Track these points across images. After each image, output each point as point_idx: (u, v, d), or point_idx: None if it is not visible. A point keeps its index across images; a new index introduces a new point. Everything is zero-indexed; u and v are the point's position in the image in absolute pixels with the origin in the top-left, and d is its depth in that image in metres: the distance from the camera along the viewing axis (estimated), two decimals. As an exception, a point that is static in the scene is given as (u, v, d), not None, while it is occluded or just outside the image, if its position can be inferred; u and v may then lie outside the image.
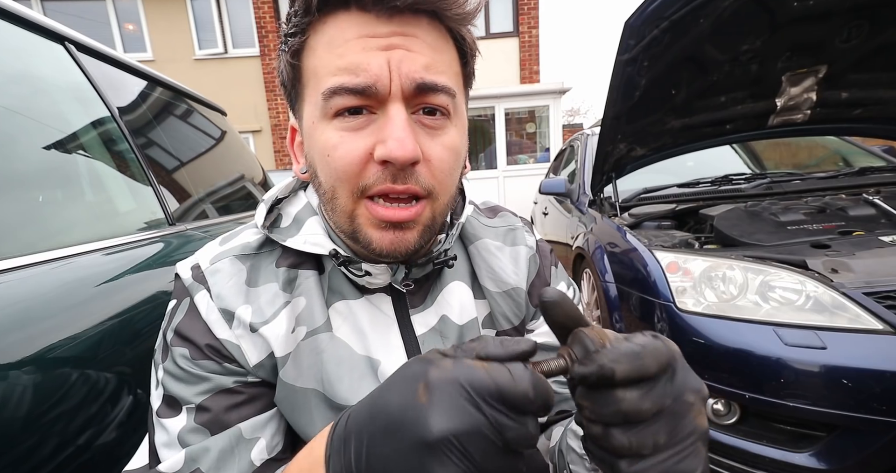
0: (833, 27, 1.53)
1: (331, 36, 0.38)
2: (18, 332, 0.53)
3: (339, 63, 0.37)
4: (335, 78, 0.37)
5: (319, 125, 0.39)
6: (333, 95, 0.37)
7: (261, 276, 0.46)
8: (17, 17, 0.80)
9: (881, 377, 0.99)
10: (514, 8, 7.14)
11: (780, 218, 1.55)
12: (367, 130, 0.38)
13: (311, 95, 0.40)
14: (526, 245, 0.56)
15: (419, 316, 0.50)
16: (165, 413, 0.42)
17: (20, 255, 0.60)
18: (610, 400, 0.27)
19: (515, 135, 6.31)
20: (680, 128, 1.87)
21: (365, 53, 0.37)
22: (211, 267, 0.45)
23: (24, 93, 0.78)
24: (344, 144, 0.38)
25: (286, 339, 0.44)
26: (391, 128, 0.37)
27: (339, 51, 0.37)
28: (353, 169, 0.38)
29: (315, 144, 0.40)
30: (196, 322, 0.43)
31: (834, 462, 1.05)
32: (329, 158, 0.39)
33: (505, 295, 0.53)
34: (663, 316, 1.32)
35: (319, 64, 0.39)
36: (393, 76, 0.37)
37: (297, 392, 0.44)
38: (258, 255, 0.47)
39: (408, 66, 0.37)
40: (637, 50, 1.46)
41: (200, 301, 0.43)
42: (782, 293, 1.20)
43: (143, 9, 7.34)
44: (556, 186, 2.76)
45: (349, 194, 0.40)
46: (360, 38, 0.37)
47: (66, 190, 0.80)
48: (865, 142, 2.36)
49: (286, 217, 0.48)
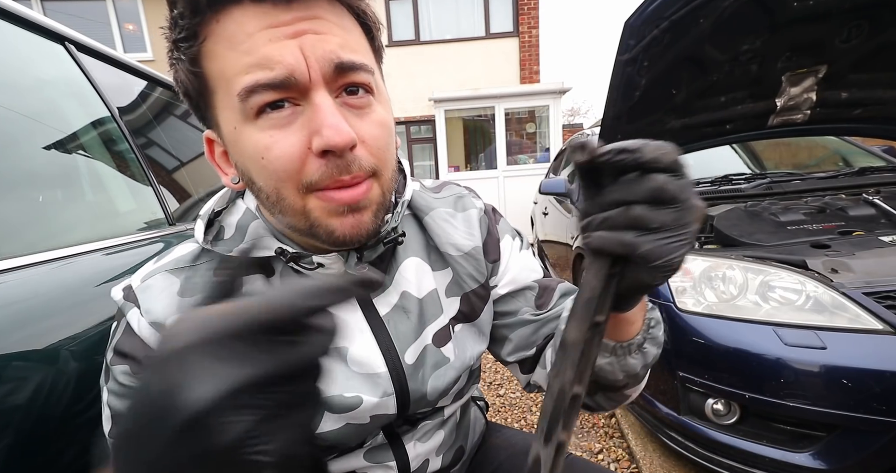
0: (833, 27, 1.53)
1: (230, 33, 0.35)
2: (18, 332, 0.53)
3: (248, 60, 0.35)
4: (248, 76, 0.35)
5: (244, 129, 0.37)
6: (251, 95, 0.35)
7: (196, 287, 0.44)
8: (17, 17, 0.80)
9: (881, 377, 0.99)
10: (514, 8, 7.13)
11: (780, 218, 1.55)
12: (296, 124, 0.36)
13: (225, 100, 0.37)
14: (475, 207, 0.58)
15: (380, 298, 0.50)
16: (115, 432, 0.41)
17: (20, 255, 0.60)
18: (644, 181, 0.31)
19: (515, 135, 6.31)
20: (680, 128, 1.87)
21: (274, 44, 0.34)
22: (142, 285, 0.44)
23: (24, 93, 0.78)
24: (277, 144, 0.36)
25: None
26: (322, 117, 0.35)
27: (244, 47, 0.35)
28: (294, 166, 0.37)
29: (244, 150, 0.38)
30: (131, 338, 0.43)
31: (834, 462, 1.05)
32: (264, 161, 0.37)
33: (467, 257, 0.54)
34: (663, 316, 1.32)
35: (226, 65, 0.36)
36: (310, 63, 0.35)
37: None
38: (194, 267, 0.45)
39: (322, 48, 0.35)
40: (637, 50, 1.45)
41: (132, 318, 0.43)
42: (782, 293, 1.20)
43: (143, 9, 7.34)
44: (555, 186, 2.75)
45: (295, 192, 0.38)
46: (263, 29, 0.34)
47: (67, 190, 0.80)
48: (865, 142, 2.36)
49: (228, 228, 0.47)
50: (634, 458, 1.54)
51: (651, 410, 1.42)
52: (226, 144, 0.41)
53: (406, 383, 0.49)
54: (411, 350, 0.49)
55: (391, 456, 0.52)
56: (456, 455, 0.60)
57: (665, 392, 1.35)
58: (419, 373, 0.50)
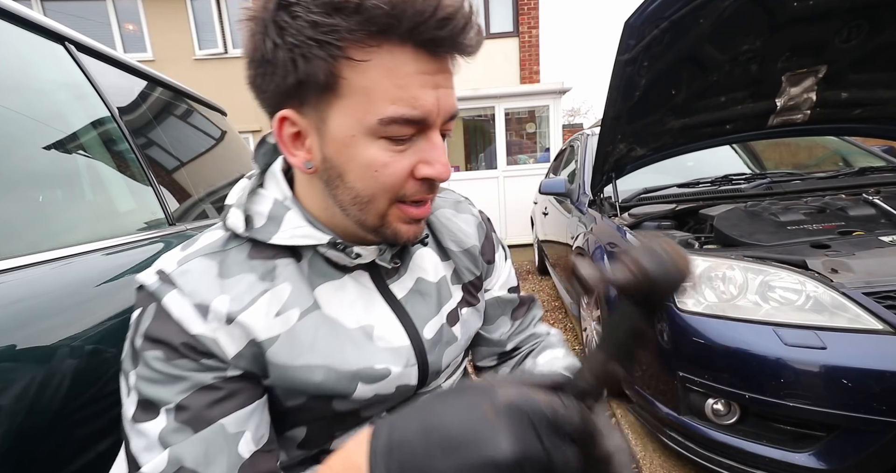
0: (833, 27, 1.53)
1: (390, 65, 0.40)
2: (19, 332, 0.53)
3: (400, 94, 0.40)
4: (394, 107, 0.40)
5: (363, 140, 0.42)
6: (391, 123, 0.41)
7: (233, 269, 0.46)
8: (17, 17, 0.80)
9: (881, 377, 0.99)
10: (514, 8, 7.13)
11: (780, 218, 1.55)
12: (409, 151, 0.44)
13: (354, 111, 0.41)
14: (472, 214, 0.68)
15: (397, 284, 0.56)
16: (142, 417, 0.41)
17: (21, 255, 0.60)
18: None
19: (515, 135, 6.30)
20: (680, 128, 1.87)
21: (422, 90, 0.41)
22: (179, 269, 0.45)
23: (24, 94, 0.78)
24: (393, 164, 0.43)
25: (268, 323, 0.45)
26: (437, 155, 0.44)
27: (401, 82, 0.40)
28: (399, 183, 0.44)
29: (356, 157, 0.43)
30: (166, 323, 0.42)
31: (834, 462, 1.05)
32: (377, 174, 0.43)
33: (465, 253, 0.63)
34: (663, 315, 1.32)
35: (376, 88, 0.40)
36: (440, 111, 0.43)
37: (297, 370, 0.46)
38: (225, 251, 0.48)
39: (448, 102, 0.44)
40: (637, 50, 1.45)
41: (170, 300, 0.43)
42: (782, 293, 1.20)
43: (143, 9, 7.34)
44: (555, 186, 2.75)
45: (387, 201, 0.46)
46: (418, 73, 0.41)
47: (67, 190, 0.80)
48: (865, 142, 2.36)
49: (258, 217, 0.49)
50: (634, 458, 1.54)
51: (651, 410, 1.42)
52: (324, 139, 0.44)
53: (426, 356, 0.55)
54: (429, 326, 0.56)
55: None
56: None
57: (665, 392, 1.35)
58: (436, 348, 0.56)
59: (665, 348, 1.32)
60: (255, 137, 7.64)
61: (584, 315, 2.22)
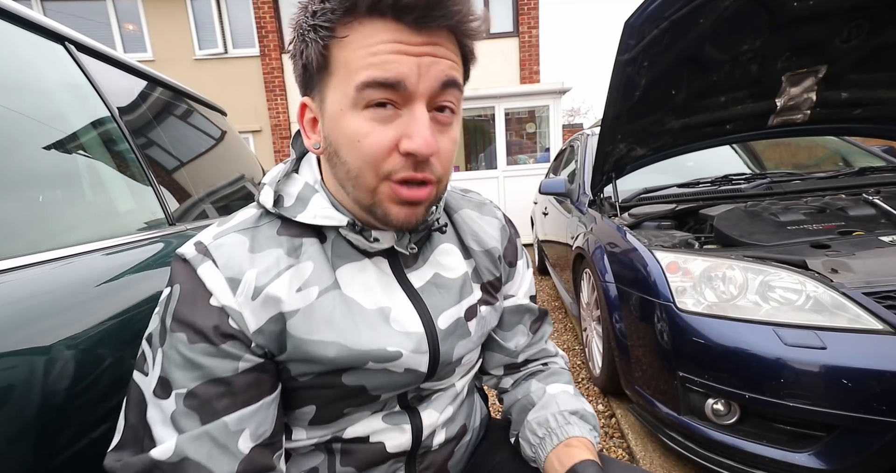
0: (833, 27, 1.53)
1: (366, 36, 0.42)
2: (18, 332, 0.53)
3: (372, 60, 0.42)
4: (367, 71, 0.42)
5: (349, 113, 0.44)
6: (366, 88, 0.42)
7: (263, 243, 0.50)
8: (17, 17, 0.80)
9: (881, 377, 0.99)
10: (514, 8, 7.13)
11: (780, 218, 1.55)
12: (393, 124, 0.44)
13: (340, 85, 0.44)
14: (496, 217, 0.68)
15: (414, 274, 0.57)
16: (160, 393, 0.45)
17: (21, 255, 0.60)
18: None
19: (515, 135, 6.30)
20: (680, 128, 1.87)
21: (396, 55, 0.42)
22: (215, 242, 0.49)
23: (24, 94, 0.78)
24: (374, 133, 0.44)
25: (290, 297, 0.48)
26: (418, 127, 0.43)
27: (373, 49, 0.42)
28: (381, 154, 0.44)
29: (343, 130, 0.45)
30: (195, 303, 0.46)
31: (834, 462, 1.05)
32: (359, 144, 0.44)
33: (486, 253, 0.63)
34: (663, 316, 1.33)
35: (352, 57, 0.43)
36: (422, 78, 0.43)
37: (312, 344, 0.48)
38: (257, 227, 0.51)
39: (436, 68, 0.43)
40: (637, 50, 1.45)
41: (205, 271, 0.47)
42: (782, 293, 1.20)
43: (143, 9, 7.34)
44: (555, 186, 2.75)
45: (374, 175, 0.46)
46: (393, 42, 0.42)
47: (67, 190, 0.80)
48: (865, 142, 2.36)
49: (287, 197, 0.53)
50: (634, 458, 1.54)
51: (651, 410, 1.42)
52: (324, 118, 0.47)
53: (438, 345, 0.55)
54: (444, 317, 0.57)
55: (407, 420, 0.58)
56: (459, 431, 0.65)
57: (665, 392, 1.35)
58: (449, 339, 0.57)
59: (665, 348, 1.32)
60: (255, 137, 7.64)
61: (584, 315, 2.23)
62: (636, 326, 1.49)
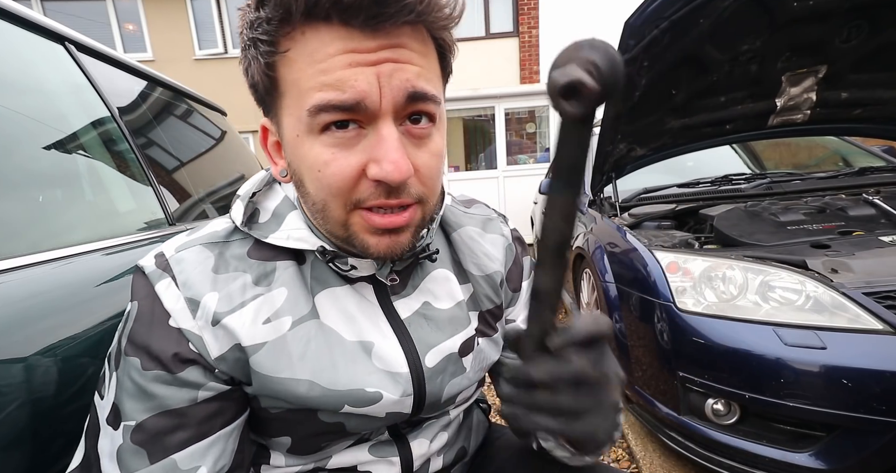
0: (833, 27, 1.53)
1: (312, 49, 0.35)
2: (18, 332, 0.53)
3: (324, 79, 0.35)
4: (320, 94, 0.35)
5: (306, 139, 0.38)
6: (320, 112, 0.36)
7: (230, 264, 0.44)
8: (17, 17, 0.80)
9: (881, 377, 0.99)
10: (514, 8, 7.13)
11: (780, 218, 1.55)
12: (358, 147, 0.38)
13: (293, 108, 0.38)
14: (502, 234, 0.60)
15: (401, 302, 0.51)
16: (112, 421, 0.41)
17: (21, 255, 0.60)
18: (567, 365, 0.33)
19: (515, 135, 6.30)
20: (680, 128, 1.87)
21: (351, 69, 0.35)
22: (176, 256, 0.43)
23: (24, 94, 0.78)
24: (336, 161, 0.37)
25: (254, 330, 0.43)
26: (385, 150, 0.36)
27: (323, 66, 0.35)
28: (347, 184, 0.38)
29: (303, 158, 0.39)
30: (151, 322, 0.42)
31: (834, 462, 1.05)
32: (320, 174, 0.38)
33: (486, 278, 0.56)
34: (663, 316, 1.32)
35: (301, 77, 0.36)
36: (384, 92, 0.36)
37: (280, 382, 0.43)
38: (227, 243, 0.46)
39: (399, 77, 0.36)
40: (637, 50, 1.45)
41: (163, 289, 0.42)
42: (782, 293, 1.20)
43: (143, 9, 7.34)
44: (556, 186, 2.75)
45: (342, 206, 0.40)
46: (344, 52, 0.35)
47: (67, 190, 0.80)
48: (865, 142, 2.36)
49: (264, 212, 0.48)
50: (634, 458, 1.54)
51: (651, 410, 1.42)
52: (284, 145, 0.41)
53: (424, 386, 0.49)
54: (432, 354, 0.50)
55: (395, 452, 0.53)
56: (458, 455, 0.61)
57: (665, 392, 1.35)
58: (438, 378, 0.50)
59: (665, 348, 1.32)
60: (255, 137, 7.64)
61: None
62: (636, 326, 1.49)
